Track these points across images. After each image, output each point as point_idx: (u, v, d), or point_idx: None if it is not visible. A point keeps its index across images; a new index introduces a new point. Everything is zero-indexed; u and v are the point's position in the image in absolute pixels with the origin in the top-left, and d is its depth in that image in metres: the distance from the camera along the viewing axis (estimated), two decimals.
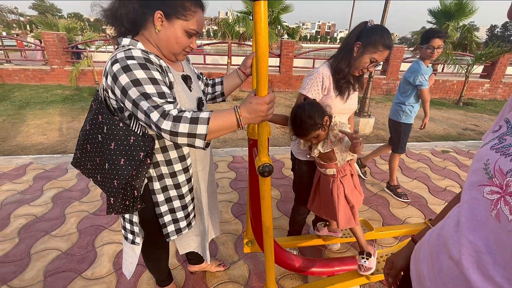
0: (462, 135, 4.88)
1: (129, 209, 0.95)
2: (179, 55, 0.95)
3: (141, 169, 0.91)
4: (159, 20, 0.85)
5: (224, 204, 2.37)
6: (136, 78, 0.78)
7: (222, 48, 20.56)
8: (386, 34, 1.24)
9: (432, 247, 0.56)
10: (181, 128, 0.75)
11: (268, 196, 1.00)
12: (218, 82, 1.28)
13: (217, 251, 1.84)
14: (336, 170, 1.29)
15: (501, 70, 8.43)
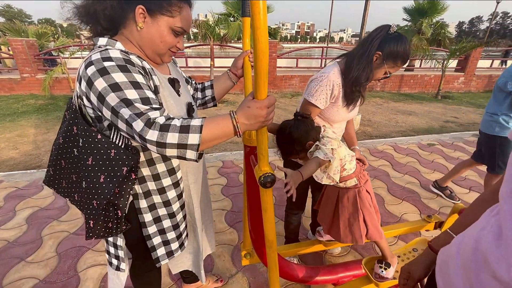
0: (444, 127, 5.02)
1: (112, 232, 0.83)
2: (165, 56, 0.85)
3: (124, 185, 0.80)
4: (141, 16, 0.75)
5: (217, 212, 2.26)
6: (114, 82, 0.67)
7: (203, 50, 20.31)
8: (408, 46, 1.15)
9: (467, 263, 0.50)
10: (169, 138, 0.65)
11: (270, 208, 0.90)
12: (208, 86, 1.18)
13: (213, 265, 1.73)
14: (357, 179, 1.17)
15: (473, 63, 8.83)
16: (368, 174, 1.26)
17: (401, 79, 8.65)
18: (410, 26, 11.33)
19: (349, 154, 1.14)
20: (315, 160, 1.00)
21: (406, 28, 11.40)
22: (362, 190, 1.18)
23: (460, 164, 2.47)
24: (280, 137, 1.11)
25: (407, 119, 5.53)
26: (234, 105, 6.43)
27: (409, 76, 8.70)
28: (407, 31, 11.14)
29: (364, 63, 1.18)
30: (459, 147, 3.84)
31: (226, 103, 6.60)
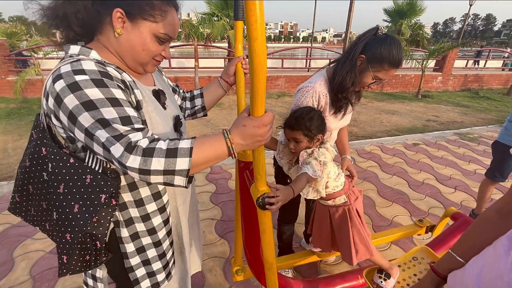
0: (426, 127, 5.17)
1: (91, 265, 0.73)
2: (148, 66, 0.75)
3: (104, 213, 0.69)
4: (119, 21, 0.66)
5: (206, 222, 2.16)
6: (88, 100, 0.58)
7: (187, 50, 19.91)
8: (396, 48, 1.05)
9: None
10: (154, 164, 0.57)
11: (269, 230, 0.84)
12: (198, 94, 1.08)
13: (204, 281, 1.64)
14: (346, 196, 1.13)
15: (450, 63, 9.20)
16: (360, 191, 1.21)
17: None
18: (390, 27, 11.66)
19: (335, 172, 1.09)
20: (304, 175, 0.95)
21: (386, 29, 11.73)
22: (352, 208, 1.14)
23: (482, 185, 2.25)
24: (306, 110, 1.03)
25: (391, 119, 5.65)
26: (220, 106, 6.31)
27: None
28: (388, 32, 11.47)
29: (348, 67, 1.13)
30: (442, 146, 3.96)
31: (221, 107, 6.46)
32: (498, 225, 0.58)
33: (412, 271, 1.30)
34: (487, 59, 11.37)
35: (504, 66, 11.10)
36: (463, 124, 5.38)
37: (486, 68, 11.04)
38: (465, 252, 0.62)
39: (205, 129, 4.69)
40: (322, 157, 1.00)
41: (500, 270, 0.45)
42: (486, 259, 0.53)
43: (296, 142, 1.04)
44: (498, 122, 5.57)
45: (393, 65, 1.06)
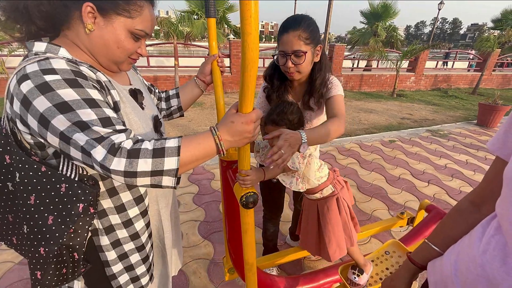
0: (401, 124, 5.42)
1: (68, 278, 0.68)
2: (123, 64, 0.71)
3: (81, 222, 0.65)
4: (89, 16, 0.61)
5: (189, 224, 2.12)
6: (62, 101, 0.53)
7: (166, 49, 19.37)
8: (288, 18, 1.08)
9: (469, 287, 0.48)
10: (141, 165, 0.54)
11: (251, 230, 0.84)
12: (173, 94, 1.05)
13: (188, 284, 1.61)
14: (333, 185, 1.12)
15: (422, 64, 9.70)
16: (345, 181, 1.21)
17: (361, 79, 9.18)
18: (366, 29, 12.09)
19: (317, 163, 1.09)
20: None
21: (363, 31, 12.14)
22: (340, 197, 1.14)
23: None
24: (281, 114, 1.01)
25: (369, 117, 5.86)
26: (201, 106, 6.22)
27: (368, 76, 9.25)
28: (364, 33, 11.88)
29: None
30: (416, 142, 4.16)
31: (193, 105, 6.35)
32: (471, 215, 0.61)
33: (384, 265, 1.35)
34: (454, 61, 12.11)
35: (469, 67, 11.89)
36: (434, 122, 5.70)
37: (454, 69, 11.76)
38: (440, 242, 0.65)
39: (186, 129, 4.60)
40: (308, 151, 1.00)
41: (473, 255, 0.48)
42: (461, 246, 0.55)
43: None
44: (465, 119, 5.96)
45: (280, 32, 1.07)
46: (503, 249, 0.43)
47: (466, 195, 0.66)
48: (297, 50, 1.04)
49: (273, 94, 1.23)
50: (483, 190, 0.61)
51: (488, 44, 9.09)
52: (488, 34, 9.76)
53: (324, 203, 1.16)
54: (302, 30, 1.02)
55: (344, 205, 1.16)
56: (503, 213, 0.45)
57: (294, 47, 1.03)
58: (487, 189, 0.60)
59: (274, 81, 1.21)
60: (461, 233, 0.58)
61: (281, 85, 1.21)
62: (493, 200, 0.49)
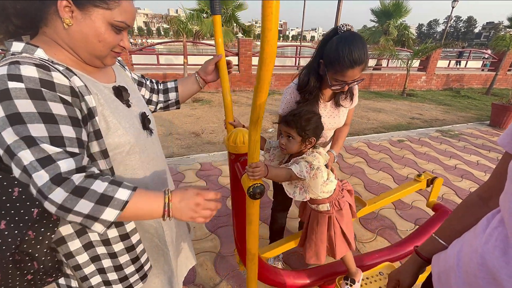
0: (411, 124, 5.34)
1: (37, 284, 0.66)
2: (106, 59, 0.69)
3: (43, 229, 0.61)
4: (66, 10, 0.58)
5: None
6: (15, 112, 0.50)
7: (175, 47, 19.56)
8: (348, 47, 0.99)
9: (473, 278, 0.49)
10: (80, 206, 0.52)
11: (255, 221, 0.86)
12: (172, 88, 1.04)
13: (195, 276, 1.65)
14: (330, 205, 1.13)
15: (433, 63, 9.51)
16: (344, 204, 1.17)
17: (370, 78, 9.07)
18: (377, 27, 11.92)
19: (323, 177, 1.07)
20: (287, 170, 0.95)
21: (373, 29, 11.98)
22: (333, 217, 1.15)
23: None
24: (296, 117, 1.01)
25: (378, 116, 5.80)
26: (209, 104, 6.28)
27: (377, 75, 9.14)
28: (375, 32, 11.71)
29: (309, 68, 1.18)
30: (426, 142, 4.11)
31: (201, 102, 6.42)
32: (479, 209, 0.62)
33: (378, 284, 1.36)
34: (468, 60, 11.82)
35: (483, 67, 11.58)
36: (445, 122, 5.59)
37: (467, 69, 11.47)
38: (447, 236, 0.66)
39: (195, 126, 4.66)
40: (316, 162, 0.99)
41: (476, 246, 0.49)
42: (466, 238, 0.57)
43: (288, 139, 1.02)
44: (478, 120, 5.82)
45: (345, 66, 1.01)
46: (504, 240, 0.45)
47: (475, 190, 0.67)
48: (357, 79, 1.08)
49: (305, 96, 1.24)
50: (491, 184, 0.62)
51: (503, 43, 8.83)
52: (504, 33, 9.46)
53: (316, 216, 1.18)
54: (365, 63, 1.05)
55: (335, 225, 1.16)
56: (505, 206, 0.46)
57: (356, 77, 1.07)
58: (495, 183, 0.60)
59: (310, 86, 1.21)
60: (468, 226, 0.59)
61: (314, 96, 1.24)
62: (500, 195, 0.50)
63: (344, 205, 1.15)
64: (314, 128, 1.01)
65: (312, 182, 1.02)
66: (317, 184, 1.03)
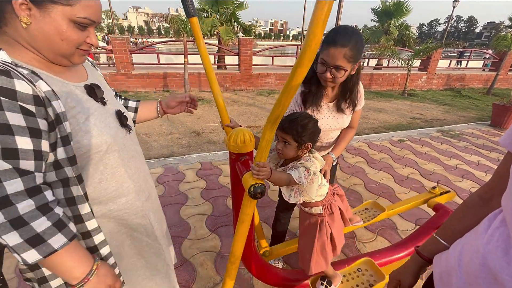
0: (411, 124, 5.34)
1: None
2: (74, 57, 0.65)
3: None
4: (23, 9, 0.55)
5: (197, 218, 2.16)
6: None
7: (175, 46, 19.54)
8: (337, 29, 1.05)
9: (474, 278, 0.48)
10: (8, 237, 0.49)
11: (248, 221, 0.86)
12: (132, 107, 1.02)
13: (195, 275, 1.65)
14: (322, 208, 1.12)
15: (434, 63, 9.50)
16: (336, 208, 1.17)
17: (371, 78, 9.06)
18: (378, 27, 11.89)
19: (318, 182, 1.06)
20: (288, 175, 0.95)
21: (374, 29, 11.95)
22: (325, 221, 1.14)
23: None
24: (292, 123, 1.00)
25: (378, 116, 5.79)
26: (210, 103, 6.28)
27: (378, 74, 9.13)
28: (375, 31, 11.69)
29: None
30: (426, 142, 4.10)
31: (202, 101, 6.42)
32: (480, 209, 0.62)
33: (355, 281, 1.34)
34: (468, 60, 11.79)
35: (484, 67, 11.56)
36: (445, 122, 5.58)
37: (468, 68, 11.45)
38: (448, 235, 0.66)
39: (195, 125, 4.66)
40: (313, 167, 0.99)
41: (477, 246, 0.49)
42: (467, 239, 0.56)
43: (284, 144, 1.01)
44: (478, 120, 5.82)
45: (327, 42, 1.05)
46: (506, 240, 0.44)
47: (476, 190, 0.66)
48: (339, 65, 1.06)
49: (309, 98, 1.25)
50: (492, 184, 0.61)
51: (505, 43, 8.82)
52: (505, 33, 9.44)
53: (308, 218, 1.17)
54: (349, 49, 1.03)
55: (327, 230, 1.15)
56: (507, 206, 0.46)
57: (337, 62, 1.05)
58: (496, 184, 0.60)
59: (311, 86, 1.23)
60: (469, 227, 0.59)
61: (318, 90, 1.24)
62: (502, 195, 0.50)
63: (335, 209, 1.15)
64: (310, 134, 1.00)
65: (308, 187, 1.02)
66: (312, 189, 1.03)
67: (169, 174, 2.84)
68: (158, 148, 3.64)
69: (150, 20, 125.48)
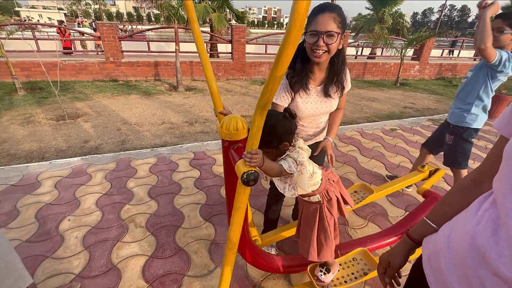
0: (403, 113, 5.39)
1: None
2: None
3: None
4: None
5: (191, 207, 2.17)
6: None
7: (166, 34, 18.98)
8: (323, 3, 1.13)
9: (462, 259, 0.50)
10: None
11: (243, 208, 0.86)
12: None
13: (189, 262, 1.66)
14: (320, 196, 1.13)
15: (427, 52, 9.53)
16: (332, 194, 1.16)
17: (365, 67, 9.04)
18: (372, 15, 11.78)
19: (309, 171, 1.06)
20: (279, 165, 0.94)
21: (368, 17, 11.84)
22: (324, 208, 1.15)
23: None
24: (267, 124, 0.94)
25: (371, 105, 5.82)
26: (202, 92, 6.18)
27: (371, 64, 9.11)
28: (370, 19, 11.59)
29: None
30: (417, 131, 4.16)
31: (194, 91, 6.32)
32: (472, 192, 0.63)
33: (350, 270, 1.39)
34: (460, 49, 11.87)
35: (475, 56, 11.66)
36: (436, 111, 5.66)
37: (459, 58, 11.55)
38: (438, 219, 0.67)
39: (188, 114, 4.60)
40: (300, 157, 0.98)
41: (467, 228, 0.50)
42: (456, 221, 0.57)
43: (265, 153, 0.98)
44: None
45: (313, 14, 1.11)
46: (495, 221, 0.45)
47: (468, 174, 0.67)
48: (331, 30, 1.09)
49: (293, 79, 1.25)
50: (484, 168, 0.62)
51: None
52: None
53: (308, 206, 1.18)
54: (337, 14, 1.10)
55: (327, 216, 1.16)
56: (498, 187, 0.47)
57: (328, 27, 1.09)
58: (488, 168, 0.61)
59: (296, 65, 1.24)
60: (459, 210, 0.60)
61: (302, 69, 1.24)
62: (493, 178, 0.51)
63: (333, 195, 1.14)
64: (280, 137, 0.96)
65: (298, 178, 1.02)
66: (303, 180, 1.03)
67: (162, 164, 2.81)
68: (150, 138, 3.59)
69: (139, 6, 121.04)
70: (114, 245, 1.77)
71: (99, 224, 1.94)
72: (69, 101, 5.02)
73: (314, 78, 1.29)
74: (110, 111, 4.59)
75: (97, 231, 1.87)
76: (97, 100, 5.21)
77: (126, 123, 4.09)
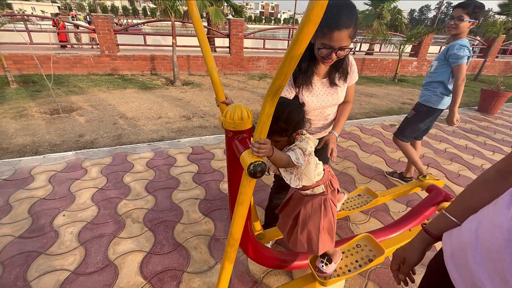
0: (402, 109, 5.38)
1: None
2: None
3: None
4: None
5: (189, 202, 2.12)
6: None
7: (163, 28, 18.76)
8: (338, 9, 0.98)
9: (496, 254, 0.46)
10: None
11: (247, 202, 0.82)
12: None
13: (189, 258, 1.62)
14: (324, 186, 1.08)
15: (425, 49, 9.52)
16: (336, 182, 1.14)
17: (363, 63, 9.01)
18: (370, 11, 11.72)
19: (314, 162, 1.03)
20: (287, 156, 0.90)
21: (367, 12, 11.78)
22: (328, 198, 1.11)
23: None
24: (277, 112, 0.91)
25: (370, 101, 5.80)
26: (199, 87, 6.10)
27: (369, 60, 9.08)
28: (368, 15, 11.53)
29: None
30: None
31: (192, 85, 6.23)
32: (497, 184, 0.59)
33: (354, 257, 1.32)
34: None
35: (472, 53, 11.70)
36: None
37: None
38: (460, 212, 0.63)
39: (186, 108, 4.52)
40: (309, 147, 0.95)
41: (499, 221, 0.46)
42: (484, 215, 0.54)
43: (275, 142, 0.96)
44: (466, 105, 5.92)
45: (329, 27, 1.00)
46: None
47: (493, 165, 0.63)
48: (345, 46, 1.06)
49: (300, 76, 1.21)
50: (511, 160, 0.59)
51: (493, 30, 8.88)
52: (494, 19, 9.50)
53: (310, 199, 1.12)
54: (353, 28, 1.03)
55: (332, 207, 1.13)
56: None
57: (343, 44, 1.05)
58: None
59: (302, 64, 1.20)
60: (483, 203, 0.56)
61: (308, 67, 1.21)
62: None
63: (336, 186, 1.12)
64: (296, 124, 0.93)
65: (306, 168, 0.98)
66: (310, 170, 0.99)
67: (159, 158, 2.75)
68: (147, 133, 3.52)
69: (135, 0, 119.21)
70: (111, 241, 1.72)
71: (95, 220, 1.88)
72: (63, 94, 4.91)
73: (319, 73, 1.27)
74: (105, 105, 4.50)
75: (93, 227, 1.82)
76: (92, 94, 5.10)
77: (122, 118, 4.00)
